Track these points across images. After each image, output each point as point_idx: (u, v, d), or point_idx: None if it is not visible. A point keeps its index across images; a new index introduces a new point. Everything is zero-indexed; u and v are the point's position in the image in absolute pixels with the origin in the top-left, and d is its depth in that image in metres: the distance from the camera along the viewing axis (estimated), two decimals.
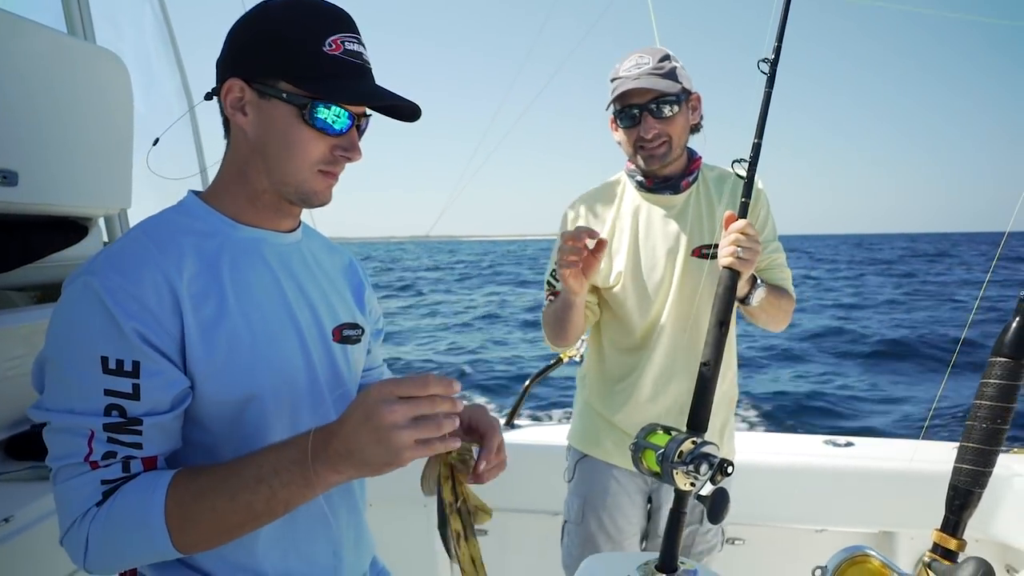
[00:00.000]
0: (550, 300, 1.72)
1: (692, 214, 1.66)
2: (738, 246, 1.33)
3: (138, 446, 0.81)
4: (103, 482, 0.79)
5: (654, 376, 1.67)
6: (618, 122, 1.63)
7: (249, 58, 0.89)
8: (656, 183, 1.67)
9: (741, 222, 1.36)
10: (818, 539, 2.31)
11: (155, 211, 0.97)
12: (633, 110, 1.56)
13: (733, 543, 2.35)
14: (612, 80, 1.62)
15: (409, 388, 0.75)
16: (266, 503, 0.78)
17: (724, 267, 1.33)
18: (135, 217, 2.37)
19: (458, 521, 0.88)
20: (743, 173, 1.34)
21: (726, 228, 1.37)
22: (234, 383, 0.88)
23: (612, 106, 1.62)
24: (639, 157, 1.62)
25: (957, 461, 0.87)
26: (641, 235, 1.68)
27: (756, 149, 1.33)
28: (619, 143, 1.69)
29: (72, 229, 2.02)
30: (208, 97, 0.93)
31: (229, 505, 0.79)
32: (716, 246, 1.57)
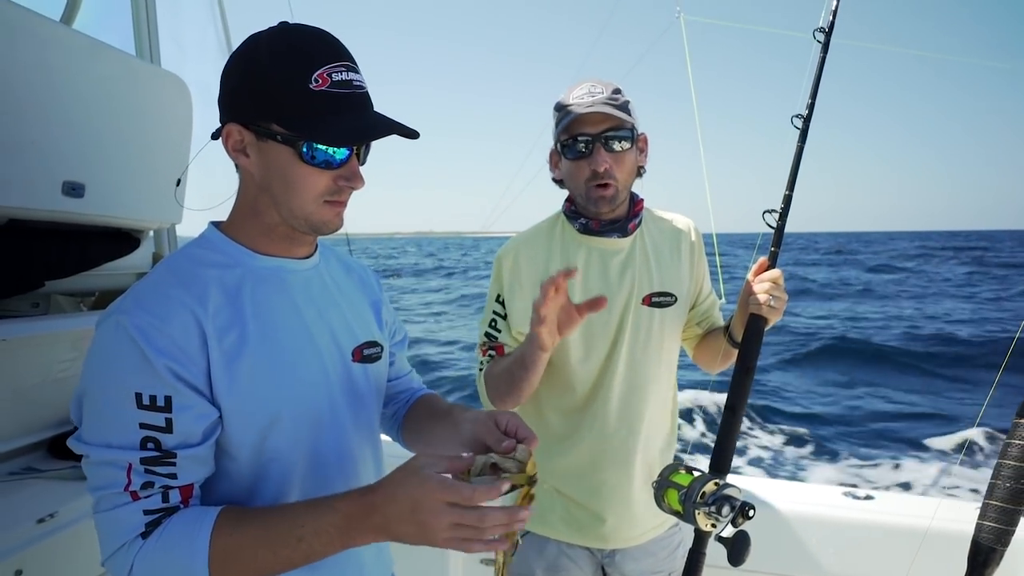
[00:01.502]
0: (490, 356, 1.55)
1: (640, 259, 1.54)
2: (771, 295, 1.33)
3: (173, 476, 0.85)
4: (145, 512, 0.83)
5: (603, 436, 1.53)
6: (565, 153, 1.48)
7: (241, 102, 0.90)
8: (603, 225, 1.52)
9: (775, 272, 1.36)
10: None
11: (201, 226, 1.03)
12: (583, 141, 1.44)
13: None
14: (559, 109, 1.50)
15: (459, 498, 0.78)
16: (305, 558, 0.84)
17: (754, 314, 1.35)
18: (183, 230, 2.48)
19: None
20: (773, 223, 1.36)
21: (754, 275, 1.38)
22: (256, 411, 0.91)
23: (558, 137, 1.49)
24: (589, 198, 1.48)
25: (980, 518, 0.89)
26: (587, 283, 1.53)
27: (787, 201, 1.35)
28: (559, 180, 1.57)
29: (125, 240, 2.12)
30: (214, 137, 0.95)
31: (271, 558, 0.84)
32: (669, 294, 1.55)
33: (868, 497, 2.30)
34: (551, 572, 1.58)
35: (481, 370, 1.56)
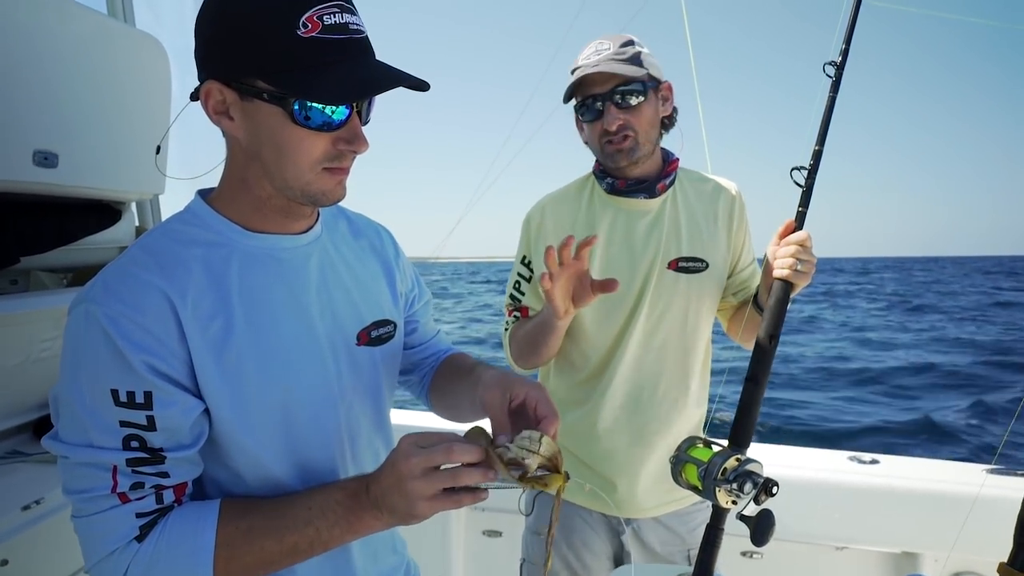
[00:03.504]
0: (515, 317, 1.56)
1: (668, 221, 1.49)
2: (798, 259, 1.26)
3: (164, 475, 0.79)
4: (138, 515, 0.78)
5: (617, 403, 1.51)
6: (581, 117, 1.47)
7: (220, 56, 0.77)
8: (629, 185, 1.48)
9: (802, 233, 1.28)
10: (838, 556, 2.28)
11: (186, 197, 0.92)
12: (596, 102, 1.41)
13: (751, 557, 2.32)
14: (572, 74, 1.46)
15: (429, 440, 0.77)
16: (310, 544, 0.81)
17: (779, 279, 1.27)
18: (166, 202, 2.38)
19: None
20: (801, 181, 1.27)
21: (781, 237, 1.31)
22: (248, 404, 0.84)
23: (574, 100, 1.47)
24: (607, 153, 1.44)
25: None
26: (610, 243, 1.49)
27: (817, 157, 1.26)
28: (586, 143, 1.54)
29: (106, 213, 2.03)
30: (194, 98, 0.82)
31: (276, 547, 0.80)
32: (698, 260, 1.49)
33: (874, 461, 2.29)
34: (567, 533, 1.57)
35: (506, 330, 1.57)
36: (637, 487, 1.52)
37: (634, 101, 1.40)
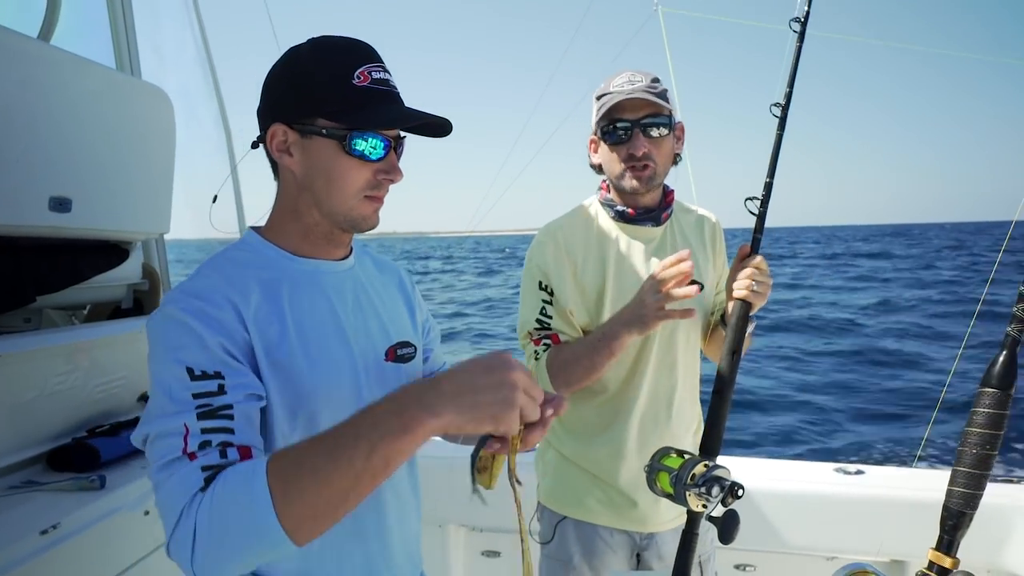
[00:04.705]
0: (545, 345, 1.57)
1: (670, 247, 1.61)
2: (754, 280, 1.36)
3: (230, 430, 0.83)
4: (203, 468, 0.80)
5: (640, 423, 1.59)
6: (605, 139, 1.55)
7: (287, 103, 0.96)
8: (639, 213, 1.59)
9: (757, 257, 1.39)
10: (829, 567, 2.32)
11: (190, 235, 1.05)
12: (622, 126, 1.51)
13: (744, 569, 2.38)
14: (599, 97, 1.56)
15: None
16: (366, 459, 0.75)
17: (739, 299, 1.37)
18: (170, 241, 2.49)
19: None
20: (755, 210, 1.38)
21: (738, 262, 1.41)
22: (290, 407, 0.94)
23: (599, 122, 1.55)
24: (626, 177, 1.53)
25: (950, 484, 0.94)
26: (621, 269, 1.58)
27: (768, 188, 1.37)
28: (598, 165, 1.62)
29: (115, 252, 2.13)
30: (254, 146, 1.01)
31: (330, 464, 0.76)
32: (695, 282, 1.55)
33: (859, 472, 2.35)
34: (588, 556, 1.63)
35: (537, 359, 1.57)
36: (660, 501, 1.58)
37: (658, 133, 1.51)
